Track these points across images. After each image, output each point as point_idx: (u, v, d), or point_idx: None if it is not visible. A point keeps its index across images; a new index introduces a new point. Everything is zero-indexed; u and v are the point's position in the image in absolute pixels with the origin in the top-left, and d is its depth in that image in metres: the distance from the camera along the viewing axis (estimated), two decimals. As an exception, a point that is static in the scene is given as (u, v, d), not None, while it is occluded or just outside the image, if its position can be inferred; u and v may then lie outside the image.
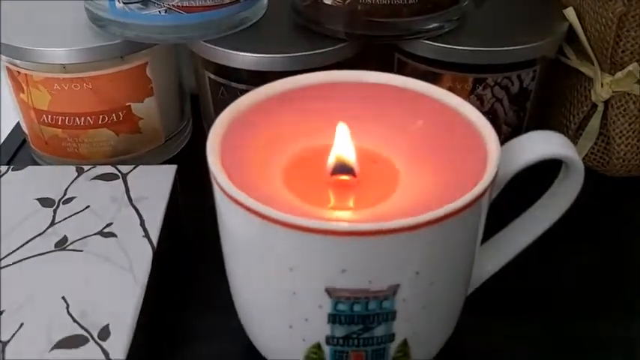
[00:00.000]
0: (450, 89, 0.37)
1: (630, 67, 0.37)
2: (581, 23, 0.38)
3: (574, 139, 0.41)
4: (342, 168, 0.25)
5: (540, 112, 0.42)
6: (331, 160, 0.25)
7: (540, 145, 0.25)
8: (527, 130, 0.39)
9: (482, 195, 0.22)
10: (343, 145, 0.25)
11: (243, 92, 0.30)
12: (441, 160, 0.25)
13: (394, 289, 0.22)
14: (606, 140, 0.40)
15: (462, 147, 0.25)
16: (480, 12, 0.39)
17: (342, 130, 0.25)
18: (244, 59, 0.36)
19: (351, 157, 0.25)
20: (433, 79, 0.37)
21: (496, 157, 0.24)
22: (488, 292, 0.30)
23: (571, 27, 0.38)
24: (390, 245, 0.21)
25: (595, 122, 0.40)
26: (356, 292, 0.22)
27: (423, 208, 0.22)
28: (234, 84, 0.37)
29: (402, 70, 0.39)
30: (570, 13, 0.37)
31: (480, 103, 0.38)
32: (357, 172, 0.25)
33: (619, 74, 0.37)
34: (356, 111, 0.27)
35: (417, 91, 0.28)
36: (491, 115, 0.38)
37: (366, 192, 0.25)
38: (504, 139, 0.38)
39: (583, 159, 0.41)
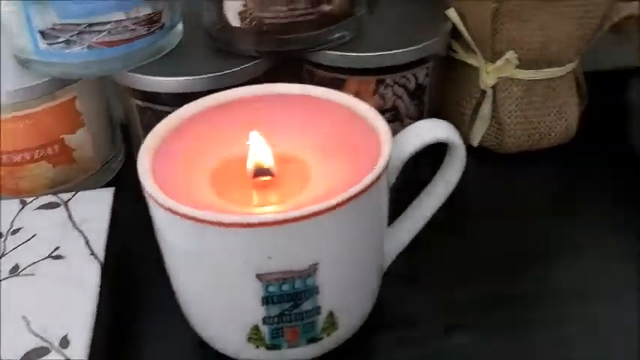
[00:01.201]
0: (357, 92, 0.42)
1: (507, 55, 0.42)
2: (462, 21, 0.43)
3: (470, 124, 0.46)
4: (261, 170, 0.28)
5: (439, 103, 0.47)
6: (250, 165, 0.28)
7: (426, 132, 0.30)
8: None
9: (376, 180, 0.26)
10: (259, 150, 0.28)
11: (168, 114, 0.33)
12: (344, 154, 0.30)
13: (314, 268, 0.26)
14: (498, 122, 0.45)
15: (361, 141, 0.30)
16: (373, 19, 0.44)
17: (256, 138, 0.28)
18: (167, 84, 0.39)
19: (267, 160, 0.28)
20: (340, 84, 0.42)
21: (388, 147, 0.28)
22: (404, 264, 0.35)
23: (455, 25, 0.43)
24: (305, 230, 0.25)
25: (486, 107, 0.45)
26: (283, 274, 0.26)
27: (332, 196, 0.26)
28: (159, 107, 0.40)
29: (311, 79, 0.43)
30: (451, 13, 0.42)
31: (383, 102, 0.42)
32: (275, 172, 0.29)
33: (499, 62, 0.42)
34: (269, 119, 0.31)
35: (319, 96, 0.32)
36: (394, 111, 0.43)
37: (284, 188, 0.29)
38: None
39: (480, 140, 0.46)
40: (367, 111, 0.30)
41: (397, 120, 0.43)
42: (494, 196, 0.44)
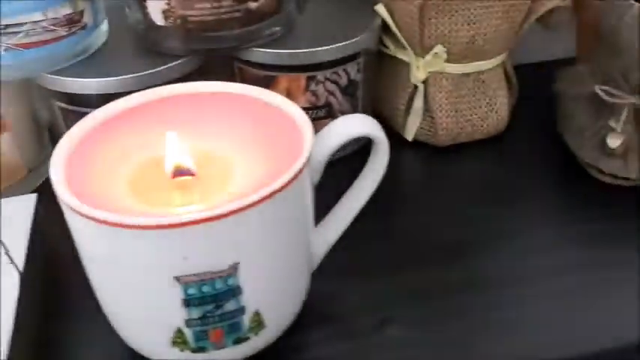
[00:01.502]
0: (288, 89, 0.42)
1: (436, 50, 0.42)
2: (391, 16, 0.43)
3: (404, 118, 0.46)
4: (180, 170, 0.28)
5: (374, 98, 0.47)
6: (169, 165, 0.28)
7: (348, 127, 0.30)
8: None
9: (296, 177, 0.26)
10: (177, 150, 0.28)
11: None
12: (269, 152, 0.29)
13: (235, 267, 0.25)
14: (430, 115, 0.45)
15: (284, 137, 0.29)
16: (304, 16, 0.43)
17: (174, 138, 0.28)
18: (90, 85, 0.38)
19: (186, 160, 0.28)
20: (271, 81, 0.41)
21: (309, 143, 0.28)
22: (336, 258, 0.35)
23: (384, 21, 0.44)
24: (221, 229, 0.24)
25: (418, 101, 0.45)
26: (201, 275, 0.25)
27: (253, 194, 0.25)
28: (84, 110, 0.39)
29: (242, 77, 0.42)
30: (380, 9, 0.43)
31: (315, 98, 0.42)
32: (195, 171, 0.28)
33: (428, 57, 0.43)
34: (190, 118, 0.31)
35: (241, 93, 0.31)
36: (328, 107, 0.43)
37: (205, 188, 0.28)
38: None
39: (415, 134, 0.46)
40: (289, 107, 0.30)
41: (331, 116, 0.43)
42: (428, 188, 0.44)
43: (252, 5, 0.38)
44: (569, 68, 0.45)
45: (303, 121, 0.29)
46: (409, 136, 0.46)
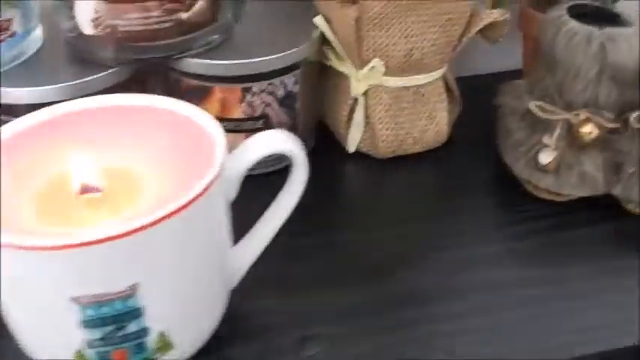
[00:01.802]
0: (223, 100, 0.41)
1: (373, 64, 0.42)
2: (330, 28, 0.43)
3: (346, 130, 0.46)
4: (87, 187, 0.27)
5: (316, 109, 0.47)
6: (76, 182, 0.27)
7: (265, 144, 0.30)
8: (303, 129, 0.45)
9: (201, 194, 0.26)
10: (85, 166, 0.27)
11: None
12: (181, 166, 0.29)
13: (134, 288, 0.25)
14: (371, 128, 0.45)
15: (199, 152, 0.29)
16: (243, 25, 0.43)
17: (82, 153, 0.27)
18: (17, 94, 0.38)
19: (93, 176, 0.27)
20: (206, 92, 0.41)
21: (219, 159, 0.27)
22: (263, 275, 0.34)
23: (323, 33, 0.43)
24: (116, 249, 0.24)
25: (359, 114, 0.45)
26: (99, 297, 0.25)
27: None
28: (12, 119, 0.39)
29: (177, 87, 0.42)
30: (319, 20, 0.42)
31: (251, 110, 0.42)
32: (103, 188, 0.28)
33: (366, 70, 0.43)
34: (106, 132, 0.30)
35: (161, 107, 0.31)
36: (265, 119, 0.42)
37: (113, 205, 0.28)
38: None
39: (357, 146, 0.46)
40: (207, 121, 0.30)
41: (269, 127, 0.43)
42: (368, 200, 0.44)
43: (184, 16, 0.38)
44: (511, 82, 0.46)
45: (217, 135, 0.29)
46: (351, 148, 0.46)
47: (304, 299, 0.36)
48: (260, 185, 0.34)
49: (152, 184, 0.28)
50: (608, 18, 0.41)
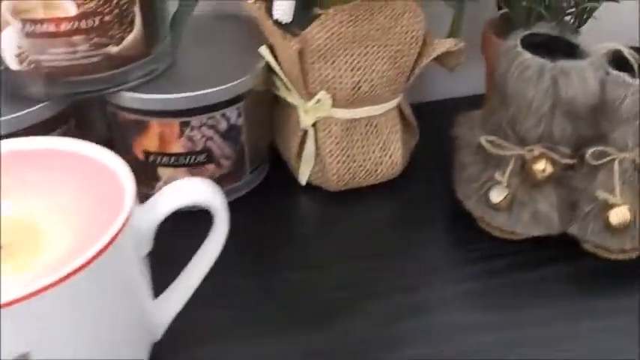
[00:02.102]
0: (161, 134, 0.39)
1: (319, 96, 0.40)
2: (276, 59, 0.41)
3: (297, 162, 0.44)
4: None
5: (265, 140, 0.45)
6: (-28, 238, 0.25)
7: (181, 194, 0.28)
8: (251, 162, 0.43)
9: (103, 250, 0.24)
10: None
11: None
12: (90, 216, 0.27)
13: (25, 357, 0.23)
14: (323, 160, 0.43)
15: (109, 202, 0.27)
16: (185, 57, 0.41)
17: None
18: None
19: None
20: (143, 126, 0.39)
21: (126, 213, 0.26)
22: (186, 325, 0.32)
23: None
24: (6, 316, 0.22)
25: (309, 146, 0.43)
26: (-15, 367, 0.23)
27: (62, 268, 0.23)
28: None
29: (115, 121, 0.40)
30: (264, 51, 0.41)
31: (192, 144, 0.40)
32: (3, 243, 0.26)
33: (312, 102, 0.41)
34: (7, 179, 0.28)
35: (71, 150, 0.29)
36: (207, 153, 0.40)
37: (16, 261, 0.26)
38: (226, 172, 0.42)
39: (310, 178, 0.44)
40: (118, 167, 0.28)
41: (212, 162, 0.41)
42: (317, 238, 0.42)
43: (114, 50, 0.36)
44: (466, 113, 0.44)
45: (128, 183, 0.27)
46: (302, 180, 0.44)
47: (234, 347, 0.34)
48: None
49: (58, 236, 0.26)
50: (566, 48, 0.40)
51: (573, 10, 0.45)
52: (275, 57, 0.41)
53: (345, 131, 0.42)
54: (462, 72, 0.45)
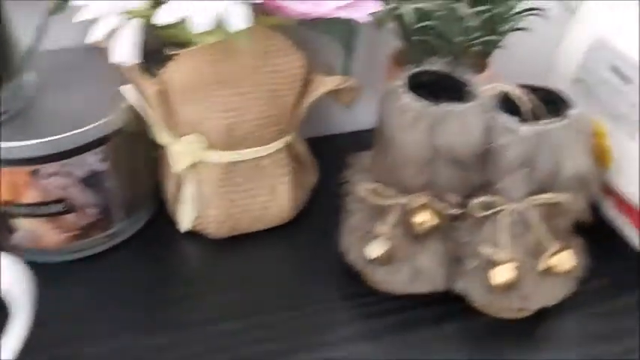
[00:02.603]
0: (12, 183, 0.36)
1: (189, 139, 0.37)
2: (144, 99, 0.38)
3: (175, 207, 0.41)
4: None
5: (145, 181, 0.41)
6: None
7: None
8: (127, 208, 0.39)
9: None
10: None
11: None
12: None
13: None
14: (202, 205, 0.40)
15: None
16: (41, 100, 0.38)
17: None
18: None
19: None
20: (-9, 175, 0.36)
21: None
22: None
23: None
24: None
25: (186, 191, 0.40)
26: None
27: None
28: None
29: (-38, 168, 0.37)
30: (128, 90, 0.37)
31: (45, 194, 0.36)
32: None
33: (183, 145, 0.37)
34: None
35: None
36: (65, 202, 0.37)
37: None
38: (94, 221, 0.38)
39: (193, 224, 0.41)
40: None
41: (73, 211, 0.37)
42: (194, 291, 0.39)
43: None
44: (359, 154, 0.40)
45: None
46: (182, 226, 0.41)
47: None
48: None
49: None
50: (459, 87, 0.37)
51: (476, 41, 0.42)
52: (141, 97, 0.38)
53: (225, 174, 0.39)
54: (373, 103, 0.42)
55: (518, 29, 0.42)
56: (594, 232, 0.37)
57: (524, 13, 0.42)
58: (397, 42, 0.44)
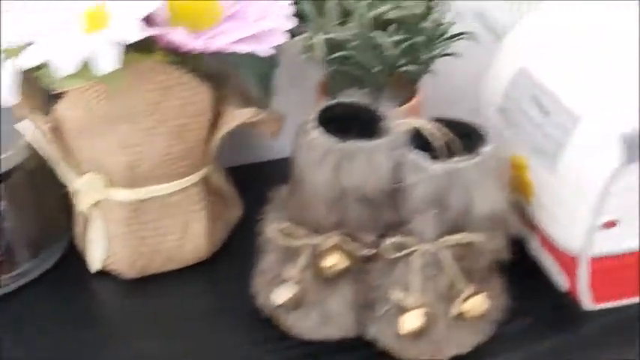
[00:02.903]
0: None
1: (87, 177, 0.35)
2: (43, 135, 0.36)
3: (83, 245, 0.39)
4: None
5: (49, 220, 0.39)
6: None
7: None
8: (32, 248, 0.37)
9: None
10: None
11: None
12: None
13: None
14: (110, 244, 0.38)
15: None
16: None
17: None
18: None
19: None
20: None
21: None
22: None
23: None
24: None
25: (93, 230, 0.38)
26: None
27: None
28: None
29: None
30: (25, 126, 0.35)
31: None
32: None
33: (82, 183, 0.36)
34: None
35: None
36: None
37: None
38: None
39: (104, 264, 0.39)
40: None
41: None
42: (101, 337, 0.37)
43: None
44: (278, 188, 0.38)
45: None
46: (92, 266, 0.39)
47: None
48: None
49: None
50: (372, 119, 0.35)
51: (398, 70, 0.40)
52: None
53: (132, 212, 0.37)
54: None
55: (447, 54, 0.41)
56: (518, 269, 0.35)
57: (454, 39, 0.41)
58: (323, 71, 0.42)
